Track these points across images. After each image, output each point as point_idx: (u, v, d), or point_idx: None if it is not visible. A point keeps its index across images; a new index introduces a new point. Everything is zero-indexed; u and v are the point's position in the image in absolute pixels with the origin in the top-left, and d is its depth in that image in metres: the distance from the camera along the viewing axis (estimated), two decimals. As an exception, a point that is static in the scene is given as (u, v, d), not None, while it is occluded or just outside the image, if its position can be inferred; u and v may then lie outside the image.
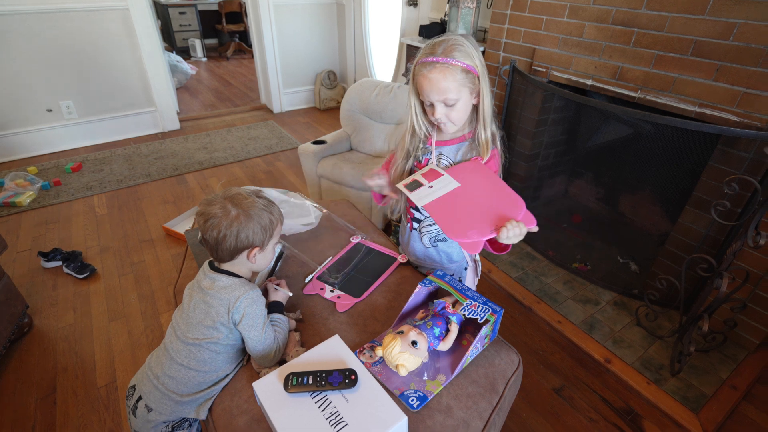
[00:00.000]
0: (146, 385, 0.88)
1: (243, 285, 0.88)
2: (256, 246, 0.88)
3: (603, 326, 1.73)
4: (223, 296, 0.86)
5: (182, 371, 0.85)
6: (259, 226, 0.87)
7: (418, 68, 0.93)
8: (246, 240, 0.86)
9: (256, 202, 0.88)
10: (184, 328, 0.87)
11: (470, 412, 0.84)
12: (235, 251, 0.87)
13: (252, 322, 0.86)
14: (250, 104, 4.32)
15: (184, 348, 0.86)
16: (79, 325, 1.74)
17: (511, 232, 0.85)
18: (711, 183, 1.54)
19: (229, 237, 0.84)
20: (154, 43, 3.24)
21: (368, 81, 2.36)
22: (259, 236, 0.87)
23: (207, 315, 0.86)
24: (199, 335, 0.85)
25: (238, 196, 0.87)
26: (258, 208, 0.87)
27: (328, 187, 2.28)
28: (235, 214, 0.85)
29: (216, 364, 0.87)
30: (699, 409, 1.41)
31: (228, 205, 0.85)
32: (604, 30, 1.70)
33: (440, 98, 0.92)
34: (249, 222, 0.85)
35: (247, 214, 0.85)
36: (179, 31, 6.04)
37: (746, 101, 1.39)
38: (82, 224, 2.38)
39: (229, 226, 0.84)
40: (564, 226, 2.34)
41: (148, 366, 0.91)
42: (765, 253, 1.45)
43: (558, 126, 2.22)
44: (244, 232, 0.85)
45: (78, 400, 1.45)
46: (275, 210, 0.91)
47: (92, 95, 3.19)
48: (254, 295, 0.88)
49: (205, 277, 0.89)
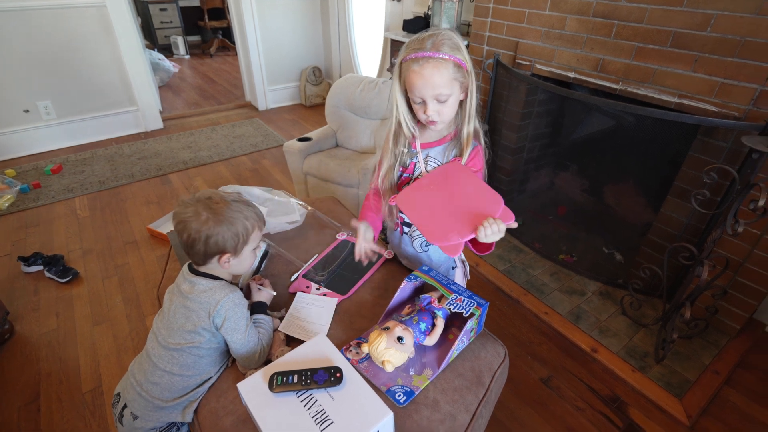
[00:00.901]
0: (130, 393, 0.87)
1: (223, 288, 0.87)
2: (227, 252, 0.86)
3: (589, 316, 1.75)
4: (203, 300, 0.84)
5: (165, 377, 0.84)
6: (230, 231, 0.84)
7: (406, 64, 0.89)
8: (215, 245, 0.84)
9: (230, 205, 0.85)
10: (165, 333, 0.86)
11: (457, 405, 0.84)
12: (206, 256, 0.85)
13: (234, 326, 0.85)
14: (234, 102, 4.27)
15: (166, 353, 0.85)
16: (63, 330, 1.71)
17: (488, 230, 0.85)
18: (691, 173, 1.56)
19: (198, 241, 0.82)
20: (133, 40, 3.17)
21: (353, 77, 2.34)
22: (231, 242, 0.85)
23: (188, 319, 0.85)
24: (180, 340, 0.84)
25: (214, 198, 0.85)
26: (231, 213, 0.84)
27: (315, 184, 2.27)
28: (205, 218, 0.82)
29: (199, 367, 0.86)
30: (683, 395, 1.44)
31: (200, 209, 0.83)
32: (585, 22, 1.72)
33: (433, 94, 0.89)
34: (218, 227, 0.82)
35: (217, 218, 0.82)
36: (160, 28, 5.92)
37: (724, 91, 1.41)
38: (64, 227, 2.33)
39: (198, 230, 0.82)
40: (550, 218, 2.36)
41: (131, 373, 0.89)
42: (744, 241, 1.48)
43: (542, 119, 2.23)
44: (213, 237, 0.82)
45: (63, 406, 1.43)
46: (252, 214, 0.88)
47: (71, 95, 3.12)
48: (235, 297, 0.87)
49: (184, 281, 0.88)
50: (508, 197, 2.43)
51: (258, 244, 0.93)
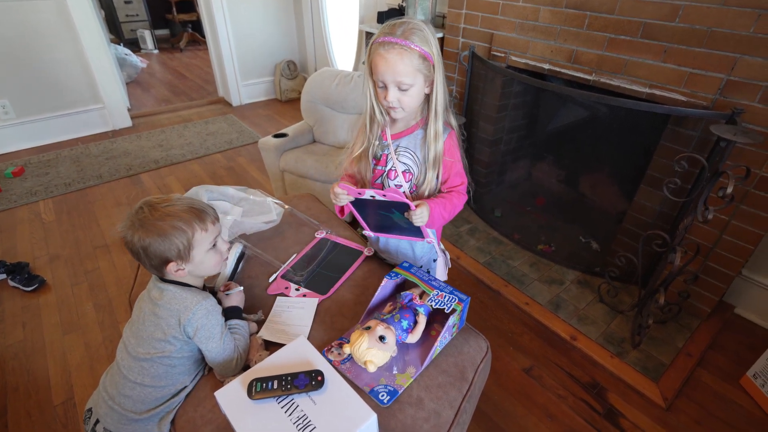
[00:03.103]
0: (102, 407, 0.84)
1: (195, 295, 0.84)
2: (172, 261, 0.81)
3: (568, 305, 1.78)
4: (173, 307, 0.81)
5: (137, 389, 0.81)
6: (164, 241, 0.79)
7: (375, 47, 0.90)
8: (157, 257, 0.80)
9: (160, 214, 0.80)
10: (135, 342, 0.83)
11: (441, 402, 0.84)
12: (154, 267, 0.83)
13: (208, 334, 0.82)
14: (207, 98, 4.14)
15: (136, 364, 0.81)
16: (30, 340, 1.63)
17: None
18: (663, 161, 1.60)
19: (140, 255, 0.80)
20: (96, 34, 3.03)
21: (328, 70, 2.30)
22: (170, 251, 0.80)
23: (157, 327, 0.81)
24: (150, 350, 0.81)
25: (144, 208, 0.81)
26: (161, 223, 0.79)
27: (292, 181, 2.23)
28: (138, 230, 0.79)
29: (172, 377, 0.83)
30: (658, 378, 1.48)
31: (134, 221, 0.80)
32: (558, 14, 1.72)
33: (394, 80, 0.90)
34: (149, 238, 0.79)
35: (147, 230, 0.79)
36: (126, 21, 5.69)
37: (692, 81, 1.44)
38: (28, 233, 2.22)
39: (133, 242, 0.79)
40: (528, 209, 2.39)
41: (103, 387, 0.86)
42: (713, 227, 1.53)
43: (518, 111, 2.24)
44: (150, 248, 0.79)
45: (32, 420, 1.36)
46: (189, 218, 0.82)
47: (31, 93, 2.96)
48: (207, 305, 0.84)
49: (154, 287, 0.85)
50: (487, 189, 2.45)
51: (215, 241, 0.88)
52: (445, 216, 1.00)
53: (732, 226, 1.49)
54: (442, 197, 1.02)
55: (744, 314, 1.76)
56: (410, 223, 0.94)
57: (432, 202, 0.97)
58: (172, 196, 0.85)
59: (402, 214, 0.94)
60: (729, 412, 1.40)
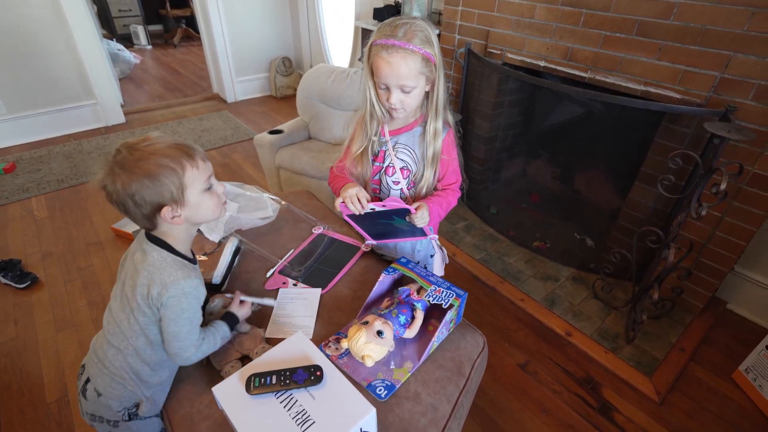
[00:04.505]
0: (92, 368, 0.81)
1: (177, 270, 0.75)
2: (165, 204, 0.73)
3: (563, 301, 1.80)
4: (150, 275, 0.74)
5: (119, 356, 0.79)
6: (154, 183, 0.71)
7: (376, 48, 0.88)
8: (145, 203, 0.71)
9: (146, 153, 0.71)
10: (116, 306, 0.79)
11: (438, 396, 0.84)
12: (146, 218, 0.74)
13: (173, 316, 0.75)
14: (201, 94, 4.12)
15: (117, 330, 0.78)
16: (22, 338, 1.62)
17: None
18: (657, 158, 1.61)
19: (128, 204, 0.71)
20: (88, 29, 3.00)
21: (324, 67, 2.29)
22: (161, 193, 0.72)
23: (134, 293, 0.75)
24: (130, 316, 0.77)
25: (124, 150, 0.72)
26: (145, 162, 0.70)
27: (288, 177, 2.22)
28: (120, 175, 0.70)
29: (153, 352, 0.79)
30: (652, 373, 1.50)
31: (115, 168, 0.70)
32: (554, 11, 1.73)
33: (398, 84, 0.89)
34: (135, 182, 0.70)
35: (131, 173, 0.70)
36: (119, 16, 5.63)
37: (687, 79, 1.45)
38: (20, 230, 2.20)
39: (119, 192, 0.70)
40: (523, 206, 2.40)
41: (93, 348, 0.84)
42: (706, 223, 1.55)
43: (514, 108, 2.25)
44: (138, 194, 0.70)
45: (26, 419, 1.35)
46: (172, 153, 0.73)
47: (22, 88, 2.92)
48: (186, 286, 0.75)
49: (138, 248, 0.78)
50: (482, 186, 2.45)
51: (210, 182, 0.79)
52: (441, 214, 1.00)
53: (725, 222, 1.51)
54: (438, 195, 1.02)
55: (736, 310, 1.78)
56: (412, 225, 0.95)
57: (429, 202, 0.97)
58: (151, 134, 0.75)
59: (403, 219, 0.95)
60: (721, 406, 1.42)
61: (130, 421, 0.83)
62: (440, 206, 0.99)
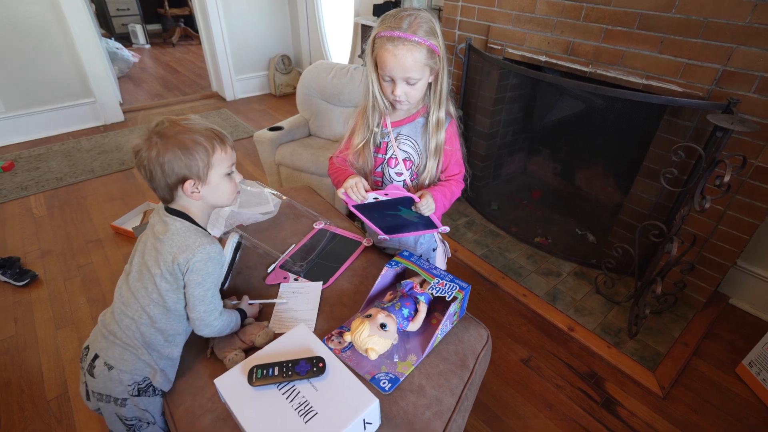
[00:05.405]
0: (101, 342, 0.82)
1: (199, 237, 0.80)
2: (190, 178, 0.79)
3: (565, 296, 1.79)
4: (175, 242, 0.78)
5: (132, 325, 0.80)
6: (185, 155, 0.77)
7: (381, 40, 0.87)
8: (174, 172, 0.77)
9: (180, 127, 0.78)
10: (135, 276, 0.81)
11: (442, 389, 0.83)
12: (169, 187, 0.80)
13: (200, 279, 0.79)
14: (200, 92, 4.10)
15: (133, 300, 0.81)
16: (22, 336, 1.61)
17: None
18: (659, 152, 1.61)
19: (156, 172, 0.77)
20: (87, 27, 2.98)
21: (323, 63, 2.28)
22: (190, 166, 0.77)
23: (155, 263, 0.79)
24: (148, 284, 0.79)
25: (164, 122, 0.79)
26: (182, 135, 0.77)
27: (288, 174, 2.21)
28: (155, 143, 0.76)
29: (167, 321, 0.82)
30: (655, 368, 1.49)
31: (153, 137, 0.77)
32: (554, 5, 1.72)
33: (403, 76, 0.88)
34: (170, 152, 0.76)
35: (167, 142, 0.76)
36: (117, 15, 5.62)
37: (689, 72, 1.44)
38: (19, 227, 2.19)
39: (150, 158, 0.76)
40: (525, 202, 2.39)
41: (102, 323, 0.84)
42: (709, 217, 1.54)
43: (515, 103, 2.24)
44: (168, 163, 0.76)
45: (25, 416, 1.34)
46: (208, 133, 0.80)
47: (21, 87, 2.91)
48: (211, 250, 0.80)
49: (159, 221, 0.82)
50: (483, 182, 2.45)
51: (232, 169, 0.85)
52: (445, 204, 0.99)
53: (728, 216, 1.50)
54: (442, 185, 1.01)
55: (739, 304, 1.78)
56: (420, 216, 0.94)
57: (433, 190, 0.96)
58: (191, 115, 0.83)
59: (409, 209, 0.94)
60: (725, 400, 1.42)
61: (138, 397, 0.83)
62: (444, 196, 0.98)
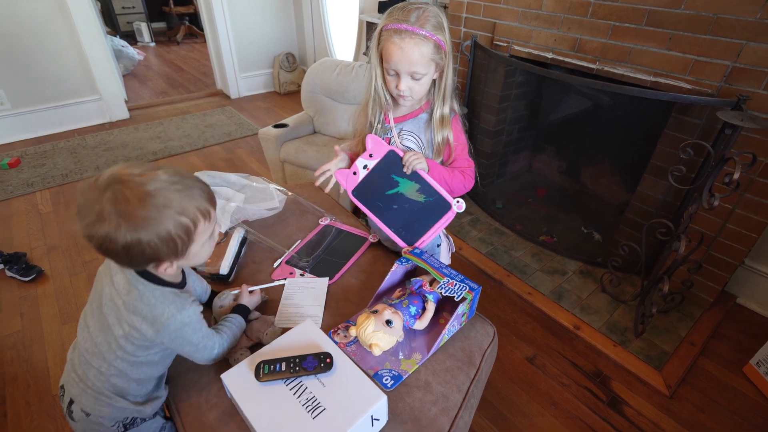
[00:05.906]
0: (74, 388, 0.74)
1: (167, 304, 0.67)
2: (163, 260, 0.63)
3: (571, 295, 1.78)
4: (140, 312, 0.66)
5: (101, 378, 0.72)
6: (158, 236, 0.59)
7: (387, 33, 0.86)
8: (143, 256, 0.60)
9: (149, 200, 0.58)
10: (94, 325, 0.71)
11: (449, 386, 0.83)
12: (134, 265, 0.65)
13: (183, 341, 0.71)
14: (205, 90, 4.11)
15: (96, 350, 0.71)
16: (28, 330, 1.61)
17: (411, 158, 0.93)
18: (667, 150, 1.59)
19: (116, 252, 0.59)
20: (93, 25, 2.99)
21: (328, 60, 2.28)
22: (163, 248, 0.61)
23: (118, 323, 0.68)
24: (110, 340, 0.69)
25: (123, 191, 0.57)
26: (152, 211, 0.58)
27: (293, 172, 2.21)
28: (115, 223, 0.56)
29: (141, 371, 0.74)
30: (662, 367, 1.48)
31: (106, 206, 0.56)
32: (561, 2, 1.71)
33: (408, 70, 0.87)
34: (137, 233, 0.58)
35: (132, 223, 0.57)
36: (122, 14, 5.63)
37: (697, 69, 1.43)
38: (25, 223, 2.20)
39: (108, 238, 0.57)
40: (530, 200, 2.38)
41: (71, 365, 0.76)
42: (717, 215, 1.52)
43: (521, 101, 2.23)
44: (135, 247, 0.58)
45: (31, 410, 1.35)
46: (188, 202, 0.62)
47: (27, 83, 2.92)
48: (185, 317, 0.68)
49: (118, 271, 0.68)
50: (488, 180, 2.44)
51: (214, 230, 0.71)
52: (445, 177, 0.98)
53: (736, 214, 1.49)
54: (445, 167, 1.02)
55: (746, 304, 1.76)
56: (425, 190, 0.92)
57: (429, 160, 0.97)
58: (155, 172, 0.61)
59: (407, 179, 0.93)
60: (732, 399, 1.40)
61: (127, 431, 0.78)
62: (443, 169, 0.98)
